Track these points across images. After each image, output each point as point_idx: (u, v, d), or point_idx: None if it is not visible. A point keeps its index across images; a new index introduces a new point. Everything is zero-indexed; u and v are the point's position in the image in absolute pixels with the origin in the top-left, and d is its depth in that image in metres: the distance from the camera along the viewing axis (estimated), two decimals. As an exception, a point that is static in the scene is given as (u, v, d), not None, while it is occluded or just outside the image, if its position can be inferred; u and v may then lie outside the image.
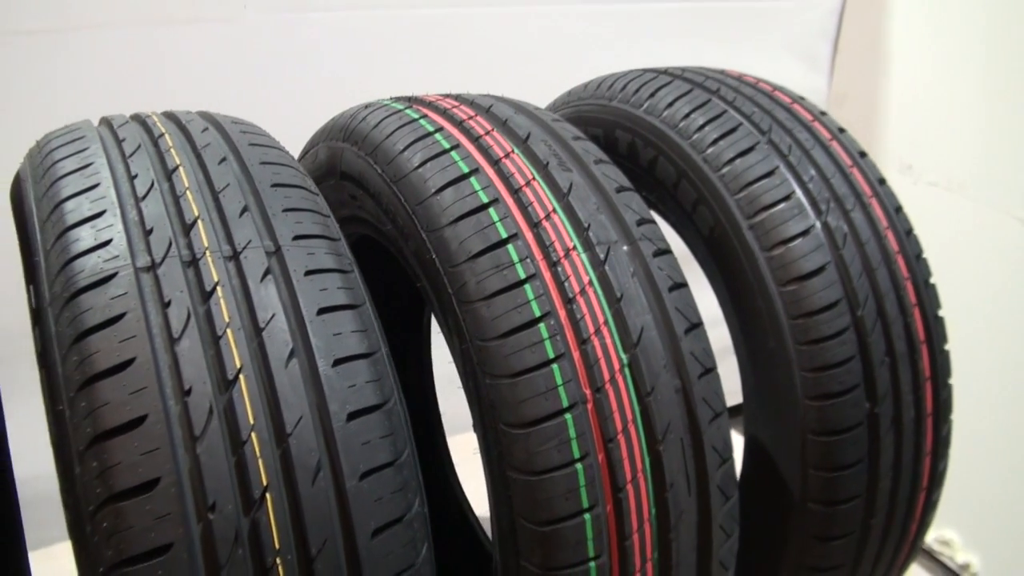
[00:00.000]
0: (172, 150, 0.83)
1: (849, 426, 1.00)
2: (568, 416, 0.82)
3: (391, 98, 1.07)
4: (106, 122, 0.90)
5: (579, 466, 0.82)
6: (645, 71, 1.21)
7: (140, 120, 0.90)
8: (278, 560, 0.68)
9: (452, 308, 0.86)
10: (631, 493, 0.85)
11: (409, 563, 0.73)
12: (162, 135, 0.86)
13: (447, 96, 1.07)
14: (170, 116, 0.92)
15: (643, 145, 1.12)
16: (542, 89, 1.54)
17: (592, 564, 0.83)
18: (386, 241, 1.03)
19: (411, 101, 1.04)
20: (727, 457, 0.92)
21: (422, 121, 0.98)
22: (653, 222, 0.95)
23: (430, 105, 1.03)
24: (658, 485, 0.86)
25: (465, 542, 1.61)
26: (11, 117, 1.81)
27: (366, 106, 1.07)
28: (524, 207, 0.89)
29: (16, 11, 1.82)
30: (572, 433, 0.82)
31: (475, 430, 0.87)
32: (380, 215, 0.99)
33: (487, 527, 1.54)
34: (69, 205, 0.77)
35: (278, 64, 1.98)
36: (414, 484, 0.75)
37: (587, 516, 0.83)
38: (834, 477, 1.01)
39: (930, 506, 1.11)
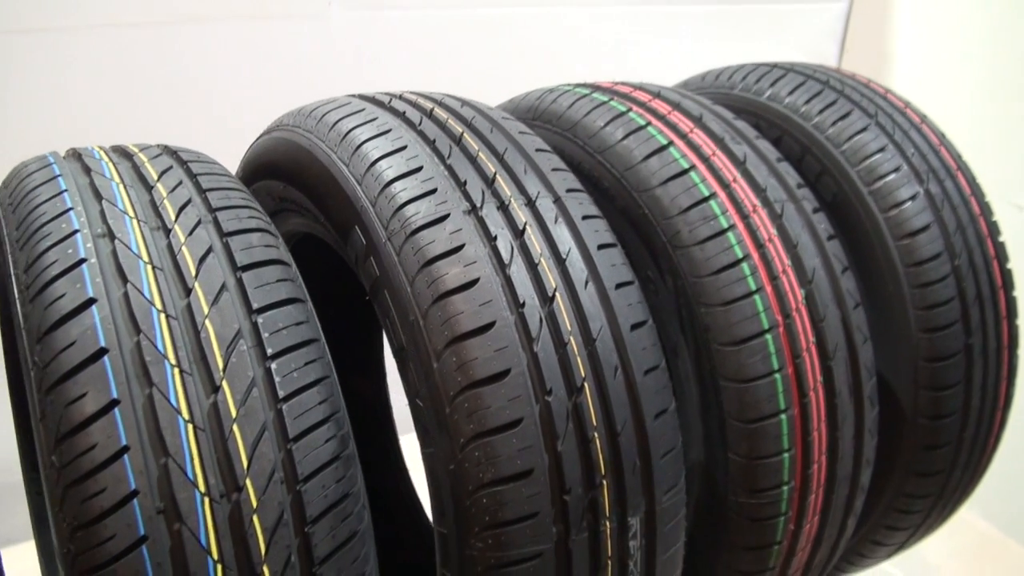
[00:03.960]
0: (450, 120, 1.01)
1: (951, 353, 1.23)
2: (768, 336, 1.03)
3: (571, 84, 1.26)
4: (395, 98, 1.07)
5: (777, 376, 1.03)
6: (759, 65, 1.42)
7: (424, 98, 1.08)
8: (595, 434, 0.87)
9: (666, 253, 1.06)
10: (812, 399, 1.06)
11: (673, 445, 0.93)
12: (433, 109, 1.04)
13: (620, 83, 1.26)
14: (437, 98, 1.09)
15: (767, 126, 1.34)
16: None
17: (786, 455, 1.04)
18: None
19: (592, 87, 1.24)
20: (872, 374, 1.14)
21: (612, 102, 1.18)
22: (806, 186, 1.17)
23: (609, 91, 1.22)
24: (829, 393, 1.08)
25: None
26: (129, 102, 1.94)
27: (550, 91, 1.26)
28: (715, 172, 1.10)
29: (125, 6, 1.94)
30: (772, 349, 1.03)
31: (688, 351, 1.07)
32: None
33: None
34: (382, 164, 0.94)
35: (358, 57, 2.15)
36: (670, 386, 0.94)
37: (782, 416, 1.04)
38: (939, 396, 1.24)
39: (1004, 423, 1.35)
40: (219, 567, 0.73)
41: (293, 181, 1.05)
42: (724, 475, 1.05)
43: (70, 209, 0.85)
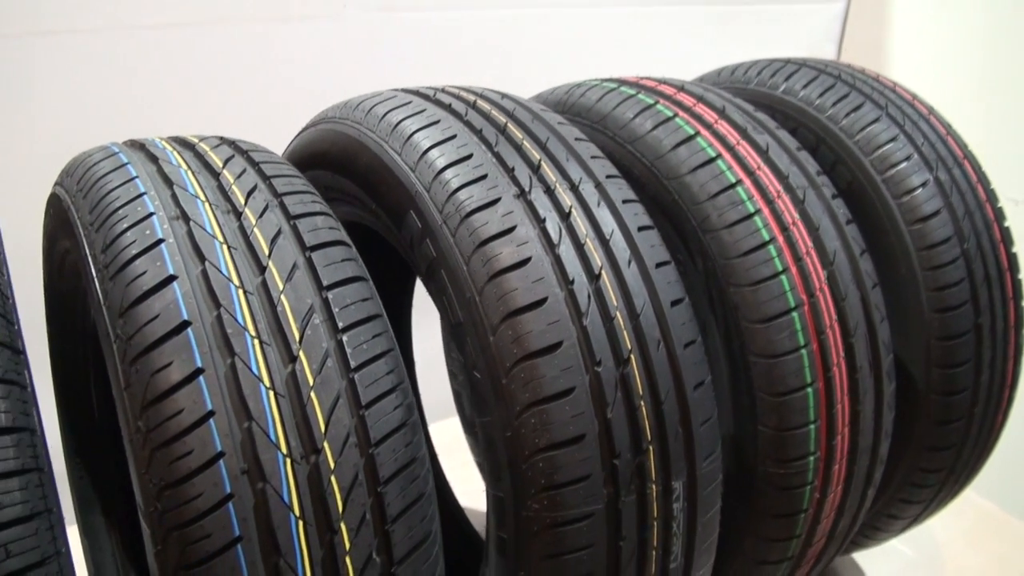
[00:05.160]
0: (493, 111, 1.07)
1: (962, 332, 1.29)
2: (794, 314, 1.09)
3: (597, 79, 1.32)
4: (438, 91, 1.12)
5: (803, 351, 1.09)
6: (773, 61, 1.48)
7: (466, 91, 1.13)
8: (641, 403, 0.92)
9: (696, 236, 1.12)
10: (836, 373, 1.12)
11: (710, 415, 0.98)
12: (476, 101, 1.09)
13: (644, 78, 1.32)
14: (478, 91, 1.15)
15: (783, 119, 1.40)
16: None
17: (812, 426, 1.10)
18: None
19: (619, 82, 1.29)
20: (890, 351, 1.20)
21: (640, 95, 1.23)
22: (824, 174, 1.23)
23: (636, 85, 1.28)
24: (851, 368, 1.14)
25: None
26: (147, 103, 1.98)
27: (577, 86, 1.31)
28: (740, 160, 1.16)
29: (147, 7, 1.99)
30: (798, 326, 1.09)
31: (717, 329, 1.13)
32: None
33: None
34: (434, 153, 1.00)
35: (373, 57, 2.20)
36: (706, 359, 1.00)
37: (809, 389, 1.09)
38: (950, 373, 1.30)
39: (1011, 400, 1.42)
40: (300, 523, 0.78)
41: (343, 170, 1.10)
42: (754, 446, 1.11)
43: (144, 193, 0.90)
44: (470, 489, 1.77)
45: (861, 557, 1.74)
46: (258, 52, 2.08)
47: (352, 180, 1.08)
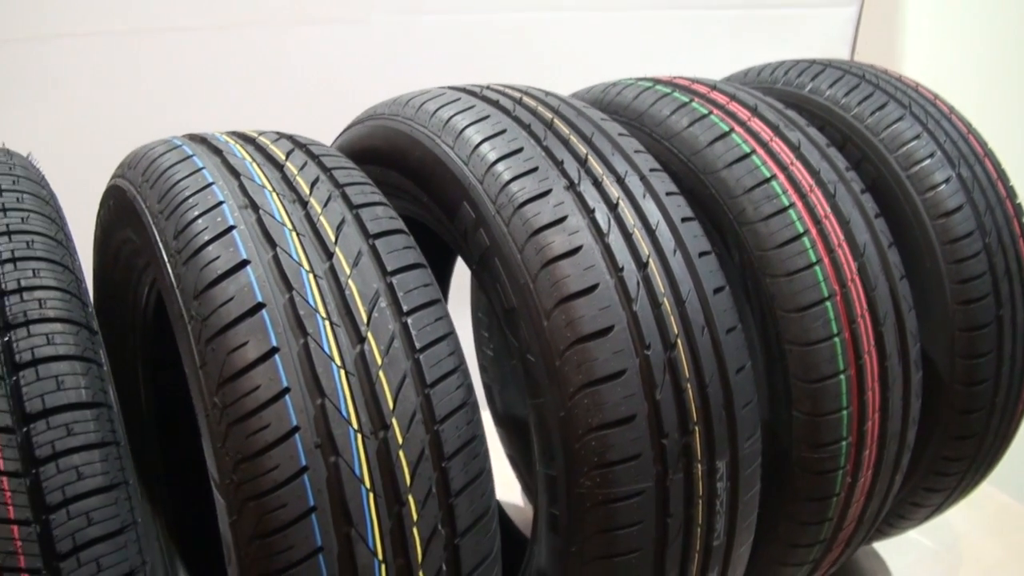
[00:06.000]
0: (539, 108, 1.11)
1: (984, 324, 1.34)
2: (828, 303, 1.13)
3: (632, 79, 1.36)
4: (485, 88, 1.16)
5: (836, 340, 1.13)
6: (798, 61, 1.53)
7: (511, 88, 1.17)
8: (688, 385, 0.96)
9: (733, 229, 1.16)
10: (867, 361, 1.16)
11: (751, 398, 1.02)
12: (522, 98, 1.13)
13: (677, 77, 1.37)
14: (522, 88, 1.19)
15: (810, 117, 1.44)
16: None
17: (844, 412, 1.14)
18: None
19: (653, 80, 1.34)
20: (917, 341, 1.24)
21: (675, 94, 1.28)
22: (853, 170, 1.27)
23: (670, 84, 1.32)
24: (881, 356, 1.18)
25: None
26: (175, 103, 2.03)
27: (613, 84, 1.36)
28: (773, 155, 1.20)
29: (175, 10, 2.04)
30: (831, 315, 1.13)
31: (753, 318, 1.17)
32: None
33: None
34: (486, 147, 1.04)
35: (397, 59, 2.25)
36: (746, 345, 1.04)
37: (841, 376, 1.13)
38: (973, 363, 1.34)
39: (1030, 391, 1.46)
40: (371, 495, 0.82)
41: (394, 165, 1.14)
42: (788, 432, 1.15)
43: (212, 183, 0.94)
44: (500, 481, 1.80)
45: (882, 548, 1.78)
46: (284, 54, 2.12)
47: (403, 174, 1.12)
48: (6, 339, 0.85)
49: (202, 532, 1.45)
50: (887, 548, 1.79)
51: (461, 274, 1.73)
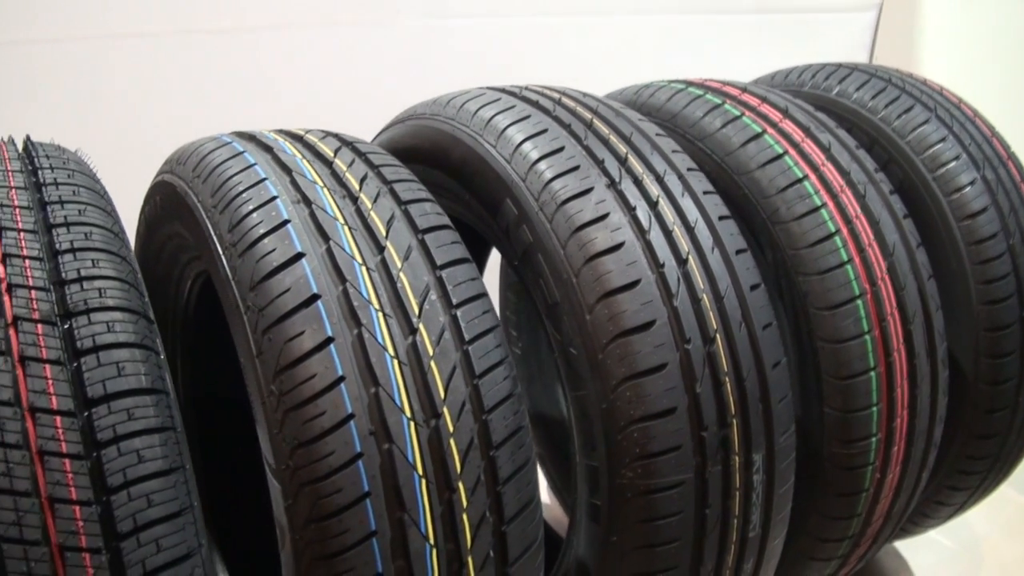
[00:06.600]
0: (578, 108, 1.14)
1: (1008, 323, 1.36)
2: (859, 301, 1.15)
3: (664, 81, 1.39)
4: (524, 89, 1.19)
5: (867, 337, 1.15)
6: (825, 65, 1.55)
7: (549, 89, 1.20)
8: (726, 379, 0.98)
9: (766, 228, 1.19)
10: (896, 358, 1.18)
11: (786, 393, 1.05)
12: (561, 98, 1.16)
13: (708, 80, 1.39)
14: (560, 89, 1.22)
15: (837, 120, 1.46)
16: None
17: (874, 409, 1.16)
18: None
19: (686, 83, 1.36)
20: (944, 340, 1.26)
21: (708, 96, 1.30)
22: (881, 171, 1.30)
23: (702, 86, 1.35)
24: (910, 354, 1.20)
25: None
26: (212, 104, 2.06)
27: (645, 87, 1.38)
28: (805, 156, 1.22)
29: (207, 13, 2.07)
30: (862, 313, 1.15)
31: (786, 316, 1.19)
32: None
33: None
34: (528, 145, 1.06)
35: (423, 61, 2.28)
36: (781, 341, 1.06)
37: (872, 373, 1.16)
38: (998, 363, 1.36)
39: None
40: (423, 482, 0.84)
41: (435, 163, 1.16)
42: (820, 427, 1.17)
43: (265, 179, 0.97)
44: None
45: (903, 547, 1.80)
46: (313, 57, 2.15)
47: (445, 172, 1.15)
48: (67, 326, 0.88)
49: (235, 523, 1.48)
50: (908, 548, 1.81)
51: (487, 274, 1.76)
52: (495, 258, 1.81)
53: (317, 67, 2.16)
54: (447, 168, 1.15)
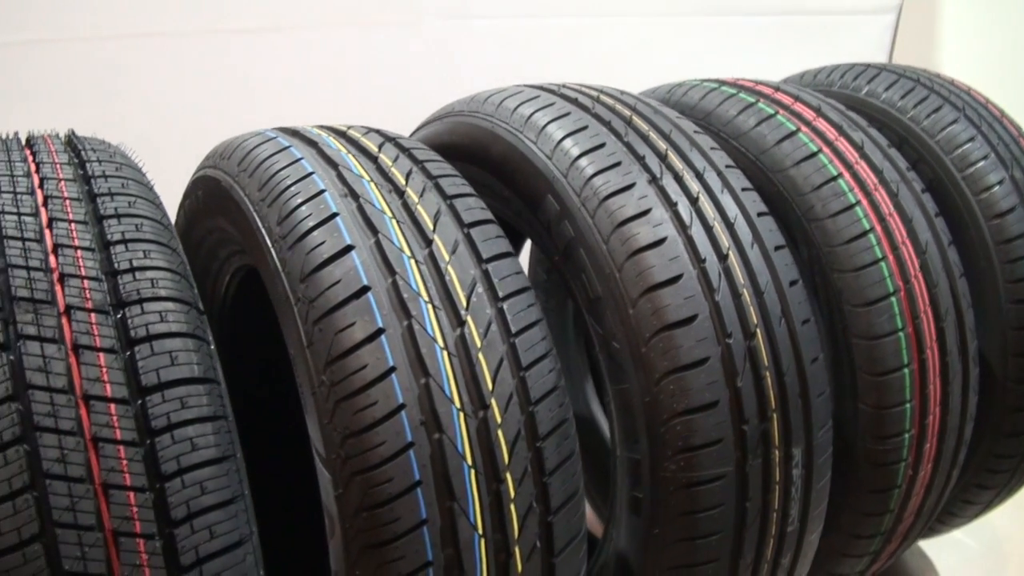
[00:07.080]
0: (617, 105, 1.15)
1: (1039, 323, 1.37)
2: (893, 299, 1.16)
3: (696, 80, 1.40)
4: (562, 86, 1.20)
5: (901, 334, 1.16)
6: (854, 65, 1.56)
7: (587, 87, 1.21)
8: (767, 373, 0.99)
9: (801, 225, 1.20)
10: (929, 356, 1.19)
11: (824, 389, 1.05)
12: (600, 96, 1.17)
13: (740, 79, 1.40)
14: (598, 87, 1.23)
15: (867, 119, 1.47)
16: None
17: (907, 405, 1.17)
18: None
19: (718, 82, 1.37)
20: (975, 338, 1.27)
21: (741, 95, 1.31)
22: (913, 170, 1.31)
23: (735, 85, 1.36)
24: (942, 352, 1.21)
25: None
26: (239, 104, 2.08)
27: (678, 85, 1.39)
28: (839, 154, 1.23)
29: (238, 14, 2.08)
30: (896, 310, 1.16)
31: (821, 313, 1.20)
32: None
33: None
34: (568, 142, 1.08)
35: (448, 61, 2.29)
36: (819, 337, 1.07)
37: (905, 370, 1.17)
38: (1027, 362, 1.37)
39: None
40: (472, 472, 0.85)
41: (474, 160, 1.18)
42: (854, 424, 1.18)
43: (312, 173, 0.98)
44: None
45: (928, 547, 1.81)
46: (339, 56, 2.17)
47: (484, 169, 1.16)
48: (120, 316, 0.89)
49: (270, 517, 1.49)
50: (933, 547, 1.81)
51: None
52: (520, 258, 1.83)
53: (342, 66, 2.17)
54: (486, 164, 1.16)
